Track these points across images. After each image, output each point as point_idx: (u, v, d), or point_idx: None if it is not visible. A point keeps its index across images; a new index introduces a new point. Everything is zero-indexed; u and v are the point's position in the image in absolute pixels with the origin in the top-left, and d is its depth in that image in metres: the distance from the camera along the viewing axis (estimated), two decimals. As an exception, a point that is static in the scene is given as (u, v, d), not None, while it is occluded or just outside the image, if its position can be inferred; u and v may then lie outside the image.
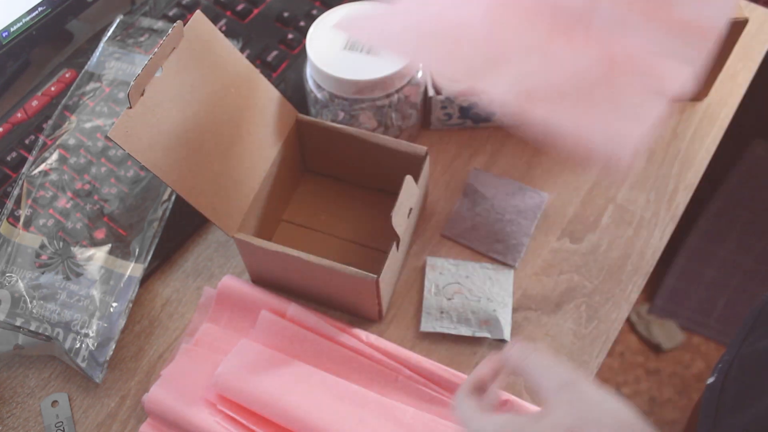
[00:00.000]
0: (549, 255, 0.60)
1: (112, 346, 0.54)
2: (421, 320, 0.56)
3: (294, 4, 0.74)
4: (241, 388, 0.51)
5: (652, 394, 1.28)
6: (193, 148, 0.50)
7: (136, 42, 0.67)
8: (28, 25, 0.65)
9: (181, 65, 0.49)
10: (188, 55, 0.50)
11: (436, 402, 0.52)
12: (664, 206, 0.63)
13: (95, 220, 0.58)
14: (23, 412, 0.54)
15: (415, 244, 0.61)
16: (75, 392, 0.54)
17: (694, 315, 1.35)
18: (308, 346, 0.54)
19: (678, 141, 0.67)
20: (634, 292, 0.58)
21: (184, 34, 0.49)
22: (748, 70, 0.71)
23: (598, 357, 0.55)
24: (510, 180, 0.64)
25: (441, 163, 0.65)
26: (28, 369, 0.55)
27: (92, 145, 0.61)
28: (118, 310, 0.55)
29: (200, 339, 0.55)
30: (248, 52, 0.69)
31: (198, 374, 0.52)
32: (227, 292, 0.56)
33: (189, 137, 0.50)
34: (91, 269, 0.56)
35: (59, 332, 0.53)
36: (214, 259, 0.61)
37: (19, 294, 0.54)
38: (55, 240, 0.57)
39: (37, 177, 0.59)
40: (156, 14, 0.72)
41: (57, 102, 0.65)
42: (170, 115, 0.48)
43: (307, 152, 0.62)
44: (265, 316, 0.54)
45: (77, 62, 0.68)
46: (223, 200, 0.52)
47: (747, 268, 1.38)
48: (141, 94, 0.46)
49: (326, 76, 0.57)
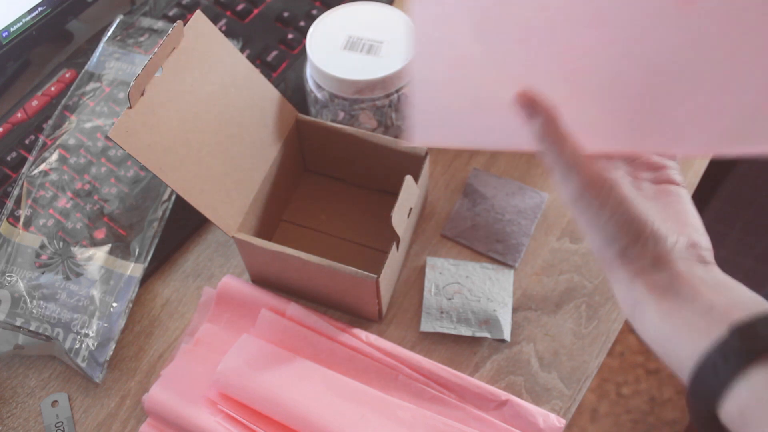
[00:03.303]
0: (549, 255, 0.60)
1: (112, 346, 0.54)
2: (421, 320, 0.56)
3: (294, 4, 0.74)
4: (242, 385, 0.51)
5: (652, 394, 1.28)
6: (193, 148, 0.50)
7: (136, 42, 0.67)
8: (28, 25, 0.65)
9: (181, 65, 0.49)
10: (188, 55, 0.50)
11: (436, 401, 0.52)
12: (664, 206, 0.63)
13: (95, 220, 0.58)
14: (23, 412, 0.54)
15: (415, 244, 0.61)
16: (75, 392, 0.54)
17: (694, 315, 1.35)
18: (308, 344, 0.54)
19: (678, 141, 0.67)
20: (634, 292, 0.58)
21: (184, 34, 0.49)
22: (748, 70, 0.71)
23: (598, 357, 0.55)
24: (510, 180, 0.64)
25: (441, 163, 0.65)
26: (28, 369, 0.55)
27: (92, 145, 0.61)
28: (118, 310, 0.55)
29: (200, 339, 0.55)
30: (248, 52, 0.69)
31: (198, 374, 0.52)
32: (227, 292, 0.56)
33: (189, 137, 0.50)
34: (91, 269, 0.56)
35: (59, 332, 0.53)
36: (214, 259, 0.61)
37: (19, 294, 0.54)
38: (55, 240, 0.57)
39: (37, 177, 0.59)
40: (156, 14, 0.72)
41: (57, 102, 0.65)
42: (170, 115, 0.48)
43: (307, 152, 0.62)
44: (265, 315, 0.54)
45: (77, 62, 0.68)
46: (223, 200, 0.52)
47: (747, 268, 1.38)
48: (141, 94, 0.46)
49: (326, 76, 0.57)
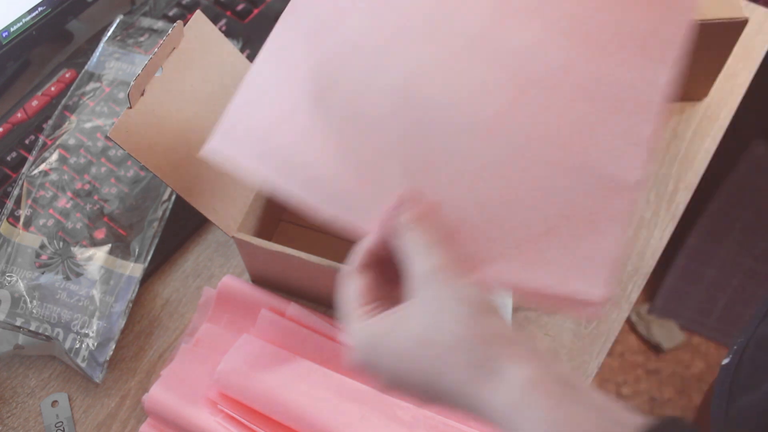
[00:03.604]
0: (549, 255, 0.60)
1: (112, 346, 0.54)
2: (421, 320, 0.56)
3: (294, 4, 0.74)
4: (242, 385, 0.51)
5: (652, 394, 1.28)
6: (193, 148, 0.50)
7: (136, 42, 0.67)
8: (28, 25, 0.65)
9: (182, 65, 0.49)
10: (188, 55, 0.50)
11: (436, 402, 0.52)
12: (664, 206, 0.63)
13: (95, 220, 0.58)
14: (23, 412, 0.54)
15: (415, 244, 0.61)
16: (75, 392, 0.54)
17: (694, 315, 1.35)
18: (308, 344, 0.54)
19: (678, 141, 0.67)
20: (634, 292, 0.58)
21: (184, 34, 0.49)
22: (748, 70, 0.71)
23: (598, 357, 0.55)
24: (510, 180, 0.64)
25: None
26: (28, 369, 0.55)
27: (92, 145, 0.61)
28: (118, 310, 0.55)
29: (200, 339, 0.55)
30: (248, 52, 0.69)
31: (198, 374, 0.52)
32: (227, 292, 0.56)
33: (189, 137, 0.50)
34: (91, 269, 0.56)
35: (59, 332, 0.53)
36: (214, 259, 0.61)
37: (19, 294, 0.54)
38: (55, 240, 0.57)
39: (37, 177, 0.59)
40: (156, 14, 0.72)
41: (57, 102, 0.65)
42: (170, 115, 0.48)
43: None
44: (265, 315, 0.54)
45: (77, 62, 0.68)
46: (223, 200, 0.52)
47: (747, 268, 1.38)
48: (141, 94, 0.46)
49: (326, 76, 0.57)
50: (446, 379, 0.31)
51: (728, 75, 0.70)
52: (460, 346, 0.31)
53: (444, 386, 0.32)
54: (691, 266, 1.38)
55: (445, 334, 0.32)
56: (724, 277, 1.37)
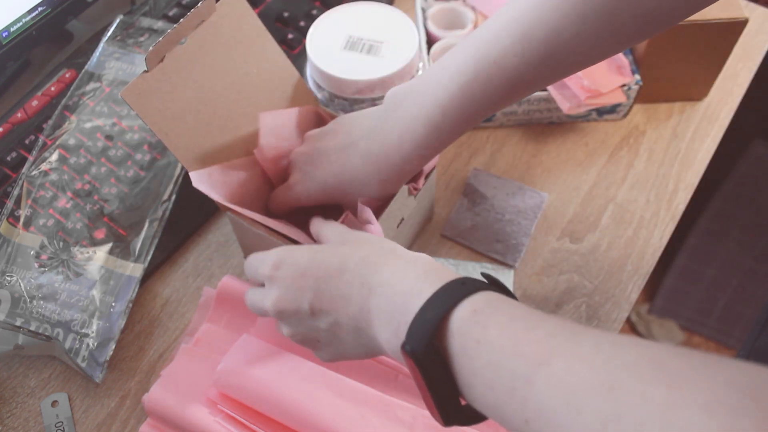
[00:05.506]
0: (549, 255, 0.60)
1: (112, 346, 0.54)
2: (421, 320, 0.56)
3: (294, 4, 0.74)
4: (242, 385, 0.51)
5: (652, 394, 1.28)
6: (202, 119, 0.50)
7: (136, 42, 0.67)
8: (28, 25, 0.65)
9: (208, 39, 0.49)
10: (216, 29, 0.50)
11: (436, 402, 0.52)
12: (664, 206, 0.63)
13: (95, 220, 0.58)
14: (23, 412, 0.54)
15: (415, 245, 0.61)
16: (75, 392, 0.54)
17: (694, 315, 1.35)
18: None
19: (678, 141, 0.67)
20: (634, 292, 0.58)
21: (216, 9, 0.49)
22: (748, 70, 0.71)
23: (598, 357, 0.55)
24: (510, 180, 0.64)
25: (441, 164, 0.65)
26: (28, 369, 0.55)
27: (92, 145, 0.61)
28: (118, 310, 0.55)
29: (200, 339, 0.55)
30: (248, 52, 0.69)
31: (198, 374, 0.52)
32: (227, 292, 0.56)
33: (200, 108, 0.50)
34: (91, 269, 0.56)
35: (59, 332, 0.53)
36: (214, 259, 0.61)
37: (19, 294, 0.54)
38: (55, 240, 0.57)
39: (37, 177, 0.59)
40: (156, 14, 0.72)
41: (57, 102, 0.65)
42: (185, 84, 0.48)
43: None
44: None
45: (77, 62, 0.68)
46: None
47: (747, 268, 1.38)
48: (160, 60, 0.46)
49: (326, 76, 0.57)
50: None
51: (728, 75, 0.70)
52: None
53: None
54: (691, 266, 1.38)
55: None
56: (724, 277, 1.37)
